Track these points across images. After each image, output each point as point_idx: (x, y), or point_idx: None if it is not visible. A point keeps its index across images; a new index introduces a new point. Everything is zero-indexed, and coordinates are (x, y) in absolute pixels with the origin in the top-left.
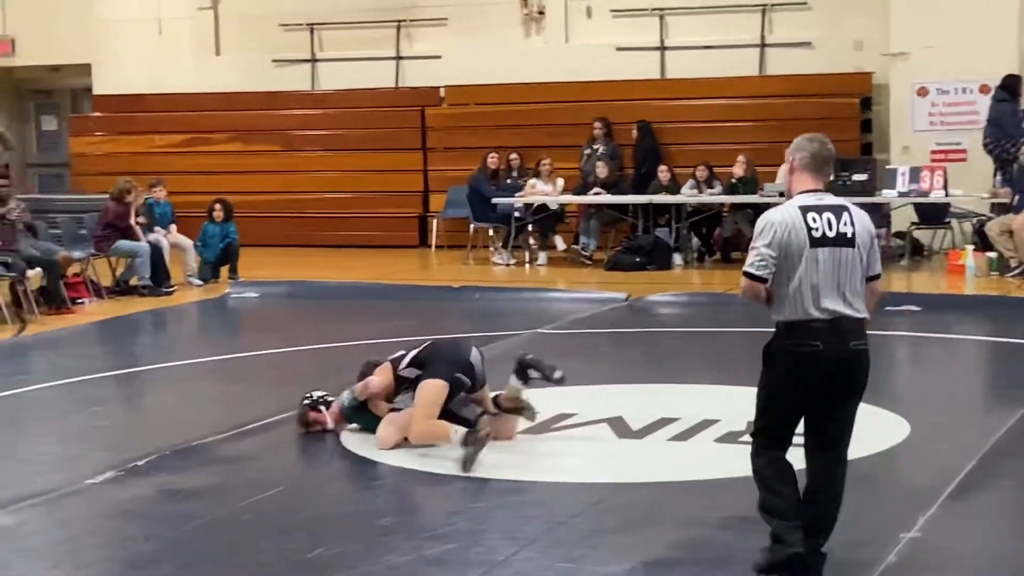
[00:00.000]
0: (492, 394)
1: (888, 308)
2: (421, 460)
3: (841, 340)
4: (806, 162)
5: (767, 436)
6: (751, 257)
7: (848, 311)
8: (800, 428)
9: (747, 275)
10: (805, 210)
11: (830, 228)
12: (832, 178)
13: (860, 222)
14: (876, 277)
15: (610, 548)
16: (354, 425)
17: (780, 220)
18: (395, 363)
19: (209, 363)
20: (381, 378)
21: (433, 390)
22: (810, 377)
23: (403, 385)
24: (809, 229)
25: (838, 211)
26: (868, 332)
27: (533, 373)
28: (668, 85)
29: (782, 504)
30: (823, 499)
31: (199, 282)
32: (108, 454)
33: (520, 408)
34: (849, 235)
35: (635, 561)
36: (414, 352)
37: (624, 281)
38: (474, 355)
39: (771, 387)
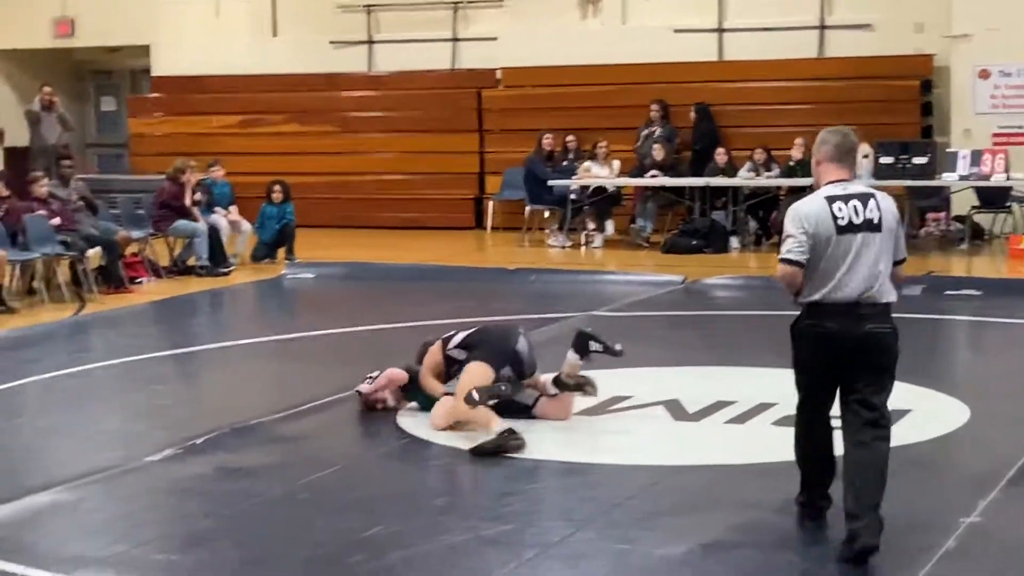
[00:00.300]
0: (551, 375)
1: (948, 292)
2: (473, 441)
3: (857, 323)
4: (830, 154)
5: (801, 404)
6: (787, 244)
7: (869, 295)
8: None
9: (785, 261)
10: (831, 200)
11: (856, 215)
12: (892, 161)
13: (886, 208)
14: (901, 262)
15: (666, 530)
16: (413, 404)
17: (807, 212)
18: (445, 342)
19: (266, 343)
20: (430, 354)
21: (477, 371)
22: (826, 355)
23: (452, 366)
24: (835, 218)
25: (864, 198)
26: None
27: (594, 345)
28: (726, 67)
29: (799, 453)
30: (859, 472)
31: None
32: (167, 432)
33: (582, 384)
34: (875, 220)
35: (691, 543)
36: (465, 334)
37: (680, 264)
38: (521, 344)
39: (796, 363)
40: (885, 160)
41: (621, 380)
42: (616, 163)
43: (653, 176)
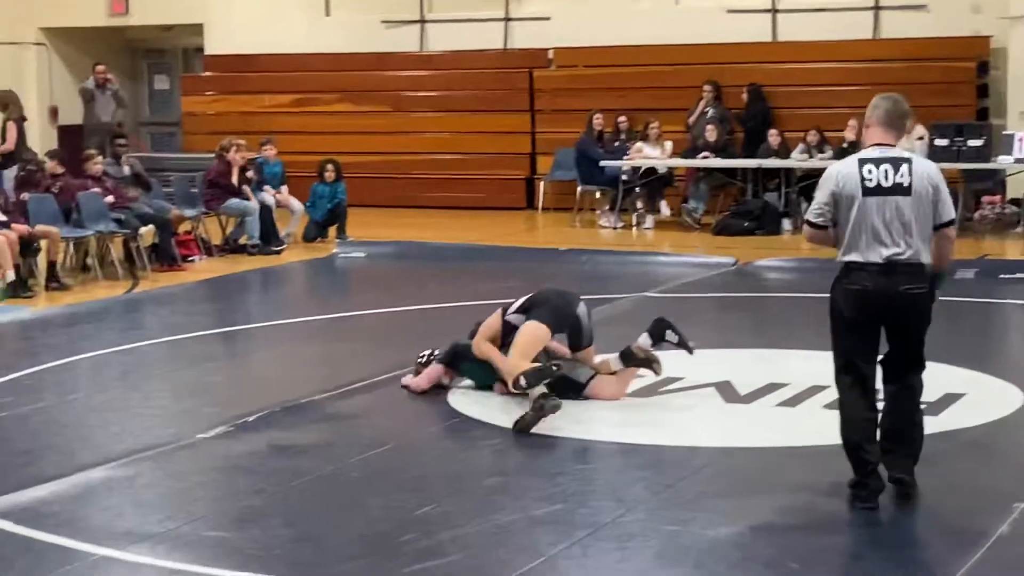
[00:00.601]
0: (607, 356)
1: (1002, 276)
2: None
3: (890, 283)
4: (880, 119)
5: (839, 367)
6: (811, 207)
7: (902, 256)
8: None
9: (806, 223)
10: (863, 162)
11: (886, 179)
12: (947, 143)
13: (920, 173)
14: (946, 224)
15: (717, 512)
16: (467, 382)
17: (836, 172)
18: (504, 309)
19: (317, 322)
20: (488, 321)
21: (533, 330)
22: (860, 314)
23: (509, 334)
24: (863, 179)
25: (897, 163)
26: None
27: (670, 335)
28: (779, 48)
29: (844, 415)
30: (895, 422)
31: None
32: (218, 410)
33: (651, 360)
34: (905, 184)
35: (742, 525)
36: (522, 300)
37: (732, 245)
38: (581, 309)
39: (832, 322)
40: (940, 142)
41: (673, 361)
42: (668, 144)
43: (705, 157)
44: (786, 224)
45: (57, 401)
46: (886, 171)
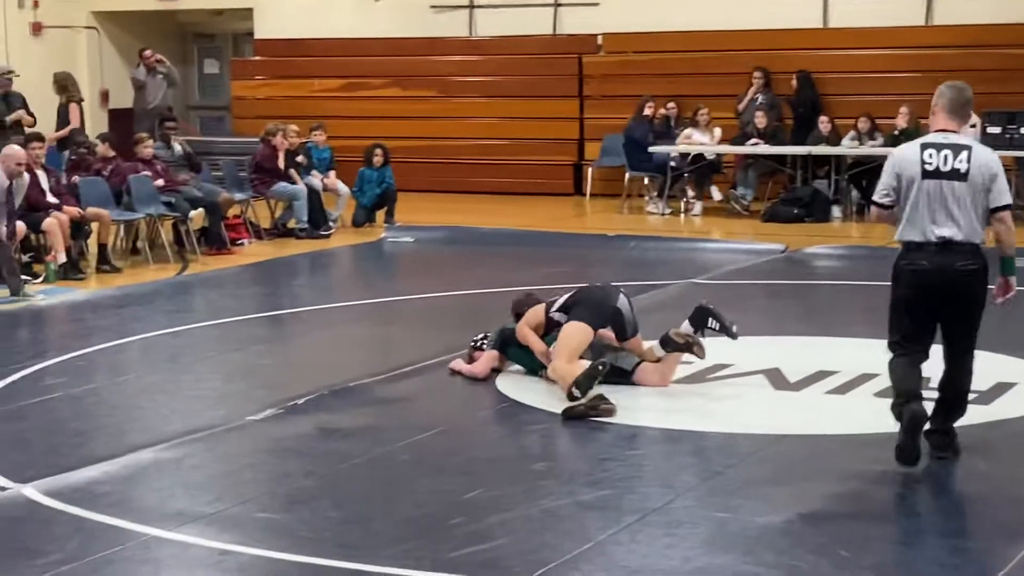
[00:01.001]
0: (653, 343)
1: None
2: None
3: (947, 261)
4: (946, 106)
5: (894, 346)
6: (877, 187)
7: (958, 236)
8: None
9: (872, 203)
10: (924, 147)
11: (944, 164)
12: (1000, 131)
13: (979, 160)
14: (1000, 208)
15: (766, 499)
16: (515, 367)
17: (900, 155)
18: (548, 305)
19: (366, 305)
20: (533, 311)
21: (576, 332)
22: (917, 290)
23: (552, 329)
24: (923, 163)
25: (957, 149)
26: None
27: (712, 322)
28: (830, 34)
29: (893, 380)
30: (949, 390)
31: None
32: (268, 392)
33: (691, 343)
34: (962, 171)
35: (791, 512)
36: (565, 297)
37: (781, 232)
38: (622, 301)
39: (892, 299)
40: (993, 130)
41: (722, 348)
42: (717, 130)
43: (754, 144)
44: (836, 211)
45: (108, 383)
46: (946, 156)
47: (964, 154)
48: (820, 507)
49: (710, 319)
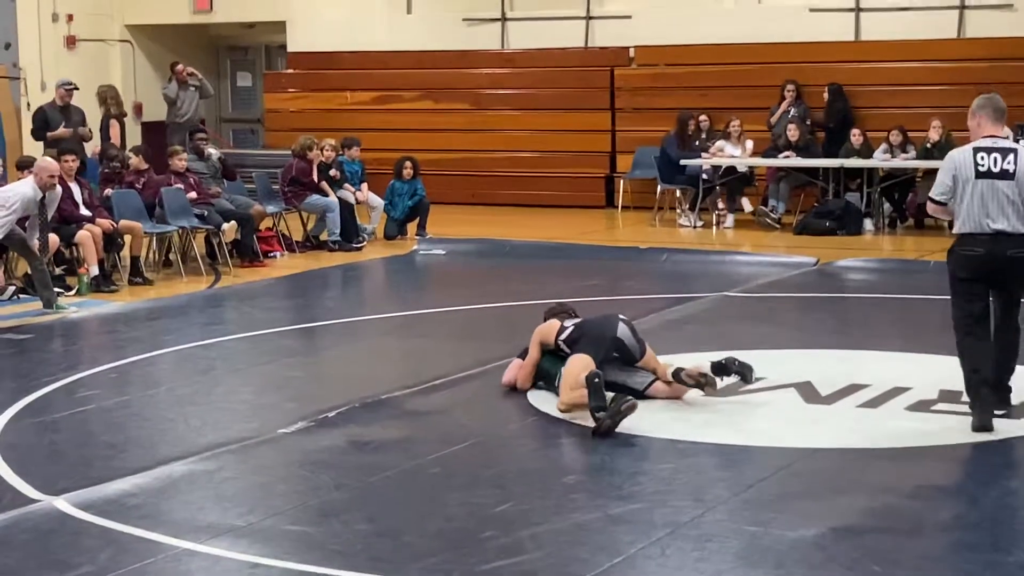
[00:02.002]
0: (674, 367)
1: None
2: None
3: (998, 248)
4: (989, 115)
5: (959, 325)
6: (935, 186)
7: (1007, 228)
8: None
9: (930, 200)
10: (977, 150)
11: (995, 165)
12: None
13: (1023, 161)
14: None
15: (798, 513)
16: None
17: (956, 158)
18: (560, 331)
19: (397, 318)
20: (548, 326)
21: (579, 366)
22: (976, 273)
23: (561, 360)
24: (976, 165)
25: (1005, 152)
26: None
27: (732, 376)
28: (862, 47)
29: (962, 353)
30: (1003, 351)
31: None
32: (299, 405)
33: (702, 383)
34: (1011, 171)
35: (823, 527)
36: (571, 327)
37: (813, 245)
38: (622, 330)
39: (951, 281)
40: None
41: (753, 362)
42: (749, 143)
43: (786, 156)
44: (868, 224)
45: (140, 395)
46: (995, 159)
47: (1011, 156)
48: (852, 521)
49: (732, 374)
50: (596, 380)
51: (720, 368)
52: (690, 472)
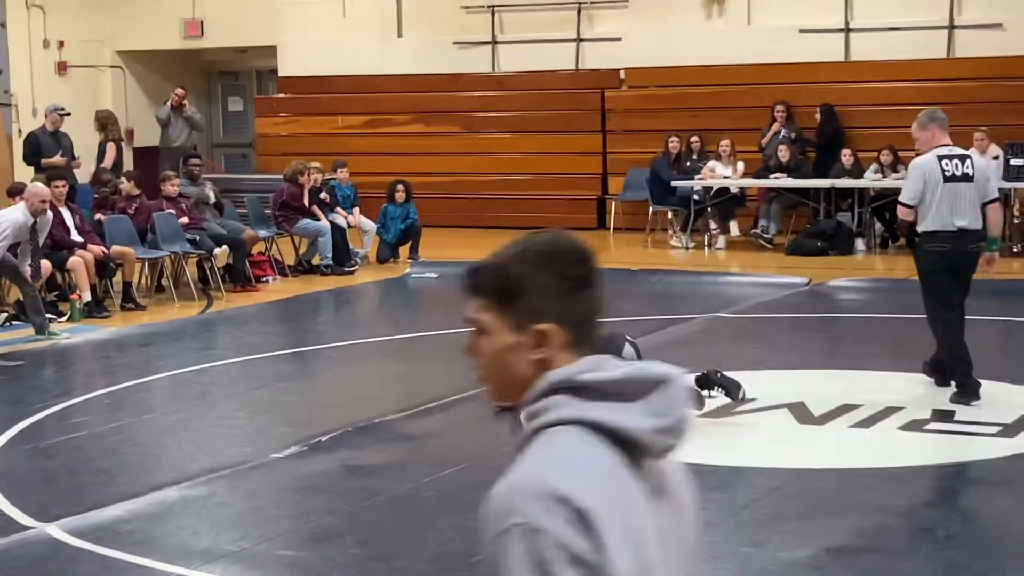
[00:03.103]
0: None
1: None
2: None
3: (960, 243)
4: (939, 126)
5: (934, 308)
6: (906, 192)
7: (968, 225)
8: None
9: (902, 204)
10: (940, 158)
11: (957, 170)
12: (1022, 163)
13: (978, 166)
14: (991, 201)
15: (792, 533)
16: None
17: (924, 165)
18: None
19: (390, 342)
20: None
21: None
22: (943, 265)
23: None
24: (943, 171)
25: (963, 158)
26: None
27: (716, 389)
28: (852, 68)
29: (946, 341)
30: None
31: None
32: (292, 429)
33: None
34: (970, 174)
35: (817, 547)
36: None
37: (805, 266)
38: (627, 350)
39: (922, 277)
40: (1015, 162)
41: (746, 383)
42: (740, 164)
43: (777, 177)
44: (859, 244)
45: (133, 420)
46: (956, 164)
47: (968, 161)
48: (846, 542)
49: (716, 387)
50: None
51: (704, 381)
52: None
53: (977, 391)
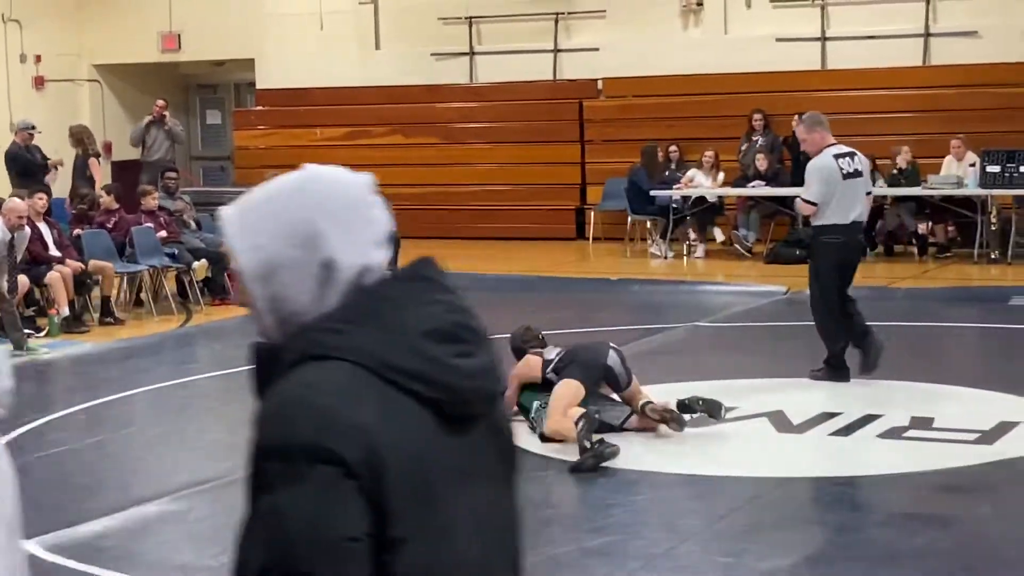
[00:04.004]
0: (642, 401)
1: None
2: (578, 453)
3: (852, 234)
4: (824, 127)
5: (829, 305)
6: (809, 190)
7: (859, 217)
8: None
9: (807, 201)
10: (837, 157)
11: (849, 167)
12: (999, 170)
13: (863, 161)
14: (869, 193)
15: (770, 543)
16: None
17: (825, 165)
18: (545, 364)
19: None
20: (530, 365)
21: (567, 391)
22: (838, 256)
23: (549, 389)
24: (841, 169)
25: (852, 155)
26: None
27: (697, 414)
28: (829, 76)
29: (831, 319)
30: (856, 318)
31: None
32: None
33: (667, 419)
34: (860, 170)
35: (796, 556)
36: (557, 355)
37: (783, 274)
38: (612, 357)
39: (818, 270)
40: (992, 169)
41: (725, 391)
42: (721, 174)
43: (755, 186)
44: None
45: (112, 435)
46: (848, 162)
47: (856, 158)
48: (825, 550)
49: (697, 412)
50: (596, 417)
51: (685, 407)
52: (663, 503)
53: (847, 376)
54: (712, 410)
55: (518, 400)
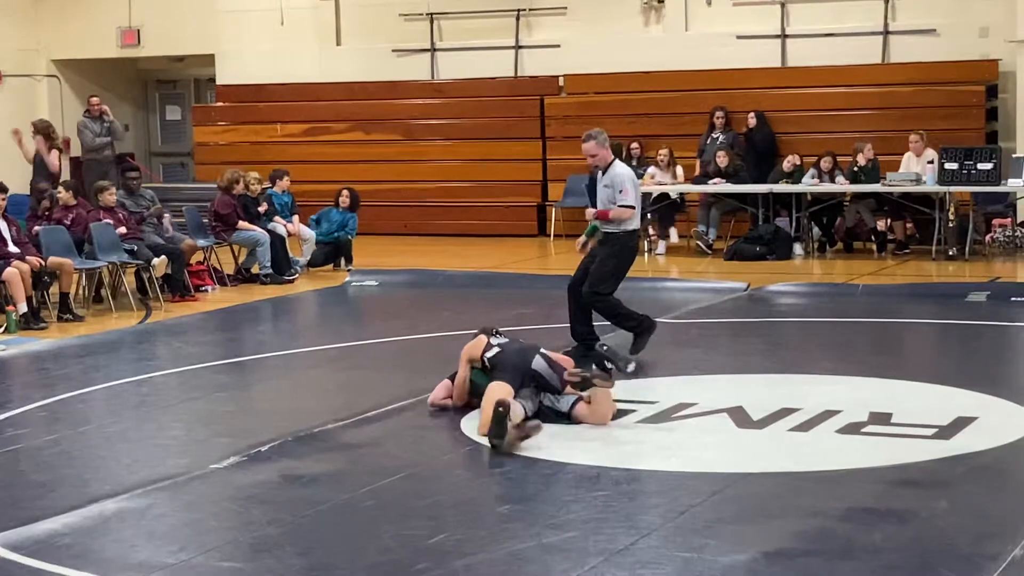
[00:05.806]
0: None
1: (1014, 299)
2: (538, 449)
3: (636, 240)
4: (608, 143)
5: (609, 289)
6: (632, 197)
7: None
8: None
9: (630, 207)
10: (634, 170)
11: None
12: (957, 167)
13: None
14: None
15: (730, 538)
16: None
17: (633, 178)
18: (486, 348)
19: (330, 350)
20: (476, 343)
21: (496, 391)
22: (632, 257)
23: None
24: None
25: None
26: None
27: (607, 364)
28: (789, 73)
29: (624, 314)
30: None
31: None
32: (232, 439)
33: (588, 380)
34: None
35: (755, 552)
36: (496, 348)
37: (744, 271)
38: (537, 362)
39: (618, 269)
40: (950, 166)
41: (685, 387)
42: (679, 170)
43: (716, 183)
44: (798, 249)
45: (70, 432)
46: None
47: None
48: (784, 545)
49: (605, 361)
50: (501, 411)
51: (601, 366)
52: (623, 499)
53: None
54: (619, 365)
55: (476, 381)
